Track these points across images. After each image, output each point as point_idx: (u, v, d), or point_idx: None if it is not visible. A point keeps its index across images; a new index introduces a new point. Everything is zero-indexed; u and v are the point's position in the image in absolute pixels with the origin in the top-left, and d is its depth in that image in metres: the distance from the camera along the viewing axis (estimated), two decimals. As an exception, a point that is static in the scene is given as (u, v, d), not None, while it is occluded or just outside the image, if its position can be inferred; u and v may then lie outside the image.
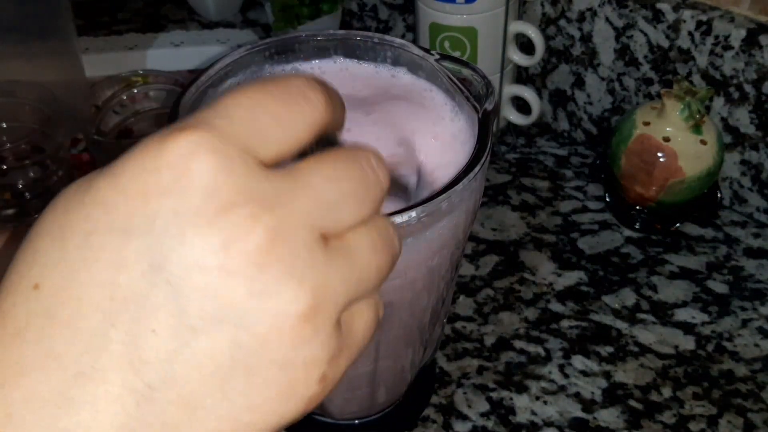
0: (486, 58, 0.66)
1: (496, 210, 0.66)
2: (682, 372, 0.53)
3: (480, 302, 0.59)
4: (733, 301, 0.58)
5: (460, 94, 0.40)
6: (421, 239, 0.34)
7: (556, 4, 0.68)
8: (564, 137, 0.74)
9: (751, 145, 0.62)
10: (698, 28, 0.60)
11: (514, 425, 0.51)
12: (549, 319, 0.57)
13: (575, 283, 0.60)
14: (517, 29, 0.66)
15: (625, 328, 0.56)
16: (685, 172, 0.58)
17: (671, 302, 0.58)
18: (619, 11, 0.64)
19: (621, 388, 0.52)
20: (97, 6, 0.93)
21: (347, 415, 0.48)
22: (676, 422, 0.50)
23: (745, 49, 0.58)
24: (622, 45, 0.66)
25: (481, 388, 0.53)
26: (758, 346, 0.55)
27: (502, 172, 0.70)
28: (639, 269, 0.61)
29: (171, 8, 0.93)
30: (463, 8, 0.63)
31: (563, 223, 0.65)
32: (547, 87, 0.73)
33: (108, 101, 0.64)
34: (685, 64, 0.62)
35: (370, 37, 0.42)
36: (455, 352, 0.55)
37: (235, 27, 0.88)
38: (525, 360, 0.54)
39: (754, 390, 0.52)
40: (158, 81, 0.66)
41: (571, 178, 0.69)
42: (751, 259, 0.61)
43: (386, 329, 0.39)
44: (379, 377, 0.43)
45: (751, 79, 0.59)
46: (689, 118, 0.58)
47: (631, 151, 0.60)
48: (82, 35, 0.84)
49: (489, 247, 0.63)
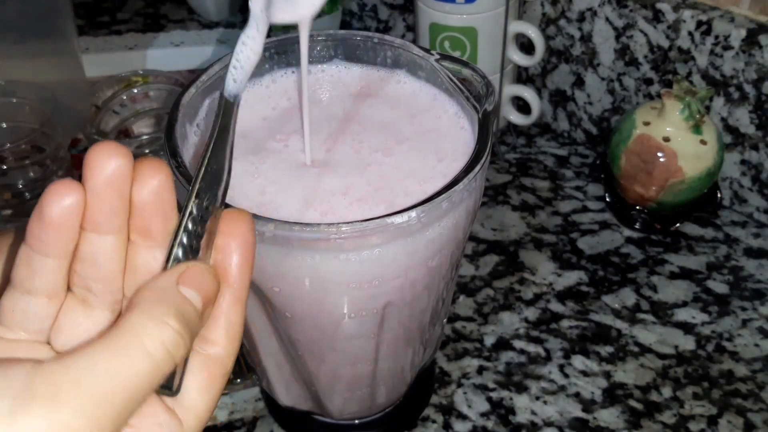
0: (486, 58, 0.66)
1: (496, 210, 0.66)
2: (682, 372, 0.53)
3: (480, 302, 0.59)
4: (733, 301, 0.58)
5: (460, 94, 0.40)
6: (421, 239, 0.34)
7: (556, 4, 0.68)
8: (564, 137, 0.74)
9: (751, 145, 0.62)
10: (698, 28, 0.60)
11: (514, 425, 0.51)
12: (549, 319, 0.57)
13: (575, 283, 0.60)
14: (517, 29, 0.66)
15: (625, 328, 0.56)
16: (685, 172, 0.58)
17: (671, 302, 0.58)
18: (619, 11, 0.64)
19: (621, 388, 0.52)
20: (97, 6, 0.93)
21: (347, 415, 0.48)
22: (676, 422, 0.50)
23: (745, 49, 0.58)
24: (622, 45, 0.65)
25: (481, 388, 0.53)
26: (758, 346, 0.55)
27: (502, 172, 0.70)
28: (639, 269, 0.61)
29: (171, 8, 0.93)
30: (463, 8, 0.63)
31: (563, 223, 0.65)
32: (547, 87, 0.73)
33: (108, 101, 0.64)
34: (685, 64, 0.62)
35: (370, 37, 0.42)
36: (455, 352, 0.55)
37: (235, 27, 0.88)
38: (525, 360, 0.54)
39: (754, 390, 0.52)
40: (158, 81, 0.66)
41: (571, 178, 0.69)
42: (751, 259, 0.61)
43: (386, 329, 0.39)
44: (379, 377, 0.43)
45: (751, 79, 0.59)
46: (689, 118, 0.58)
47: (631, 151, 0.60)
48: (82, 35, 0.84)
49: (489, 247, 0.63)
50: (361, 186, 0.37)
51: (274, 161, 0.38)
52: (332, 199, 0.36)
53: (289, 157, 0.38)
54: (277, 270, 0.34)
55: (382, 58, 0.43)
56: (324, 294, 0.35)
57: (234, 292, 0.26)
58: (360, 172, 0.37)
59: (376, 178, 0.37)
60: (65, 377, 0.21)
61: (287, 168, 0.38)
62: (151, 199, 0.25)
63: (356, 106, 0.42)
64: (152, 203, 0.25)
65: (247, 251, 0.27)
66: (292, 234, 0.32)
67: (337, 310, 0.36)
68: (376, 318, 0.37)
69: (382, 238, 0.33)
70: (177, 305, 0.23)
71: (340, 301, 0.36)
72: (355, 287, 0.35)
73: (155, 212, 0.25)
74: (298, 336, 0.39)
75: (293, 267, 0.34)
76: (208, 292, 0.25)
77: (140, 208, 0.25)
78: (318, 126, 0.40)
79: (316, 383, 0.43)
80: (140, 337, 0.22)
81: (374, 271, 0.34)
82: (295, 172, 0.37)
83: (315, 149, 0.39)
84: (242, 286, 0.27)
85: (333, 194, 0.36)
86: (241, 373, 0.51)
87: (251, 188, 0.36)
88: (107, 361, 0.22)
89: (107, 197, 0.24)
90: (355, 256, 0.33)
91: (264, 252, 0.34)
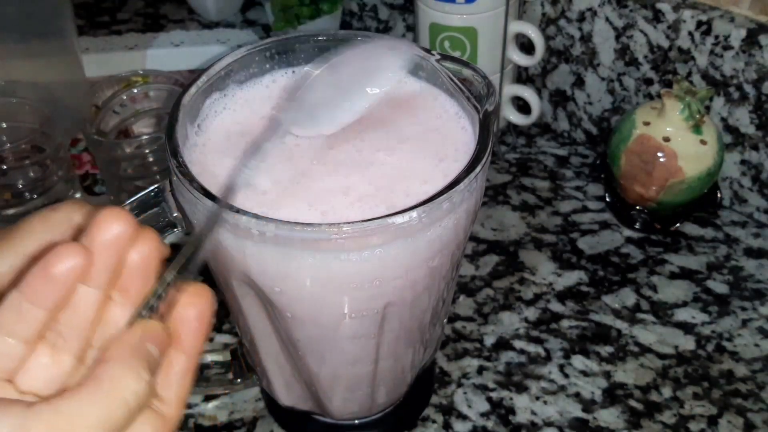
0: (486, 58, 0.66)
1: (496, 210, 0.66)
2: (682, 372, 0.53)
3: (480, 302, 0.59)
4: (733, 301, 0.58)
5: (461, 94, 0.40)
6: (422, 239, 0.34)
7: (556, 4, 0.68)
8: (564, 137, 0.74)
9: (751, 145, 0.62)
10: (698, 28, 0.60)
11: (514, 425, 0.51)
12: (549, 319, 0.57)
13: (575, 283, 0.60)
14: (517, 29, 0.66)
15: (625, 328, 0.56)
16: (685, 172, 0.58)
17: (671, 302, 0.58)
18: (619, 11, 0.64)
19: (621, 388, 0.52)
20: (97, 6, 0.93)
21: (347, 415, 0.48)
22: (676, 422, 0.50)
23: (745, 49, 0.58)
24: (622, 45, 0.66)
25: (481, 388, 0.53)
26: (758, 346, 0.55)
27: (502, 172, 0.70)
28: (639, 269, 0.61)
29: (171, 8, 0.93)
30: (463, 8, 0.63)
31: (563, 223, 0.65)
32: (547, 87, 0.73)
33: (108, 101, 0.64)
34: (685, 64, 0.62)
35: (370, 37, 0.42)
36: (455, 352, 0.55)
37: (235, 27, 0.88)
38: (525, 360, 0.54)
39: (754, 390, 0.52)
40: (158, 81, 0.66)
41: (571, 178, 0.69)
42: (751, 259, 0.61)
43: (387, 329, 0.39)
44: (379, 377, 0.43)
45: (751, 79, 0.59)
46: (689, 118, 0.58)
47: (631, 151, 0.60)
48: (82, 35, 0.84)
49: (489, 247, 0.63)
50: (362, 186, 0.37)
51: (275, 161, 0.38)
52: (333, 198, 0.36)
53: (289, 156, 0.38)
54: (277, 270, 0.34)
55: (383, 58, 0.43)
56: (325, 294, 0.35)
57: (187, 359, 0.29)
58: (361, 172, 0.37)
59: (377, 178, 0.37)
60: (59, 418, 0.24)
61: (288, 167, 0.38)
62: (140, 263, 0.28)
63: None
64: (140, 267, 0.28)
65: (203, 324, 0.29)
66: (293, 234, 0.32)
67: (337, 310, 0.36)
68: (376, 318, 0.37)
69: (383, 238, 0.33)
70: (148, 359, 0.26)
71: (340, 301, 0.36)
72: (356, 287, 0.35)
73: (139, 275, 0.28)
74: (299, 336, 0.39)
75: (294, 267, 0.34)
76: (163, 348, 0.28)
77: (128, 269, 0.28)
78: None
79: (317, 383, 0.43)
80: (119, 386, 0.25)
81: (375, 272, 0.34)
82: (296, 172, 0.37)
83: (316, 149, 0.39)
84: (194, 354, 0.29)
85: (334, 194, 0.36)
86: (241, 373, 0.51)
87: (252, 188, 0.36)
88: (92, 406, 0.24)
89: (106, 257, 0.27)
90: (356, 256, 0.33)
91: (265, 252, 0.34)
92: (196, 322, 0.29)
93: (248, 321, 0.40)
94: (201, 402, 0.52)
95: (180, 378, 0.29)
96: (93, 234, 0.27)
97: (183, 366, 0.29)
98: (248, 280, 0.36)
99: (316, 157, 0.38)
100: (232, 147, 0.39)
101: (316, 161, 0.38)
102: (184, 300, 0.29)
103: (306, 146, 0.39)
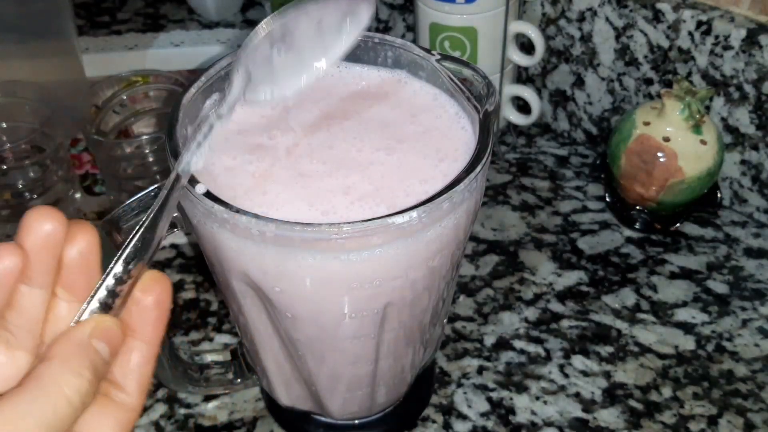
0: (486, 58, 0.66)
1: (496, 210, 0.66)
2: (682, 372, 0.53)
3: (480, 302, 0.59)
4: (733, 301, 0.58)
5: (461, 94, 0.40)
6: (422, 239, 0.34)
7: (556, 4, 0.68)
8: (564, 137, 0.74)
9: (751, 145, 0.62)
10: (698, 28, 0.60)
11: (514, 425, 0.51)
12: (549, 319, 0.57)
13: (575, 283, 0.60)
14: (517, 29, 0.66)
15: (625, 328, 0.56)
16: (685, 172, 0.58)
17: (671, 302, 0.58)
18: (619, 11, 0.64)
19: (621, 388, 0.52)
20: (97, 6, 0.93)
21: (347, 415, 0.48)
22: (676, 422, 0.50)
23: (745, 49, 0.58)
24: (622, 45, 0.66)
25: (481, 388, 0.53)
26: (758, 346, 0.55)
27: (502, 172, 0.70)
28: (639, 269, 0.61)
29: (171, 8, 0.93)
30: (463, 8, 0.63)
31: (563, 223, 0.65)
32: (547, 87, 0.73)
33: (108, 101, 0.64)
34: (685, 64, 0.62)
35: (370, 37, 0.42)
36: (455, 352, 0.55)
37: (235, 27, 0.88)
38: (525, 360, 0.54)
39: (754, 390, 0.52)
40: (158, 81, 0.66)
41: (571, 178, 0.69)
42: (751, 259, 0.61)
43: (387, 329, 0.39)
44: (379, 377, 0.43)
45: (751, 79, 0.59)
46: (689, 118, 0.58)
47: (631, 151, 0.60)
48: (82, 35, 0.84)
49: (489, 247, 0.63)
50: (362, 185, 0.37)
51: (274, 160, 0.38)
52: (333, 198, 0.36)
53: (289, 156, 0.38)
54: (277, 270, 0.34)
55: (383, 58, 0.43)
56: (325, 294, 0.35)
57: (147, 348, 0.29)
58: (361, 172, 0.37)
59: (377, 178, 0.37)
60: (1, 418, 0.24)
61: (288, 167, 0.38)
62: (79, 258, 0.28)
63: (357, 106, 0.42)
64: (79, 262, 0.28)
65: (162, 311, 0.29)
66: (293, 234, 0.32)
67: (337, 310, 0.36)
68: (376, 318, 0.37)
69: (383, 238, 0.33)
70: (90, 358, 0.26)
71: (340, 301, 0.36)
72: (356, 287, 0.35)
73: (81, 271, 0.28)
74: (299, 336, 0.39)
75: (294, 267, 0.34)
76: (115, 345, 0.28)
77: (69, 265, 0.28)
78: (319, 125, 0.40)
79: (317, 383, 0.43)
80: (61, 386, 0.25)
81: (375, 271, 0.34)
82: (295, 172, 0.37)
83: (316, 149, 0.39)
84: (154, 342, 0.29)
85: (334, 194, 0.36)
86: (241, 373, 0.51)
87: (252, 187, 0.36)
88: (33, 404, 0.25)
89: (41, 257, 0.27)
90: (356, 256, 0.33)
91: (265, 252, 0.34)
92: (154, 309, 0.29)
93: (248, 321, 0.40)
94: (201, 402, 0.52)
95: (140, 366, 0.29)
96: (22, 236, 0.27)
97: (144, 354, 0.29)
98: (248, 280, 0.36)
99: (316, 157, 0.38)
100: (231, 147, 0.39)
101: (316, 161, 0.38)
102: (140, 288, 0.29)
103: (306, 146, 0.39)
